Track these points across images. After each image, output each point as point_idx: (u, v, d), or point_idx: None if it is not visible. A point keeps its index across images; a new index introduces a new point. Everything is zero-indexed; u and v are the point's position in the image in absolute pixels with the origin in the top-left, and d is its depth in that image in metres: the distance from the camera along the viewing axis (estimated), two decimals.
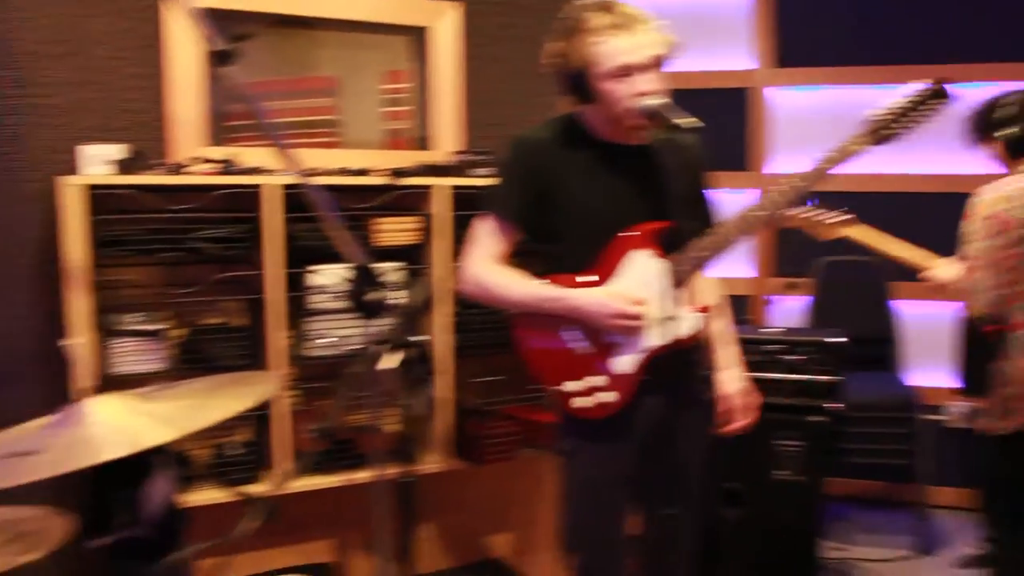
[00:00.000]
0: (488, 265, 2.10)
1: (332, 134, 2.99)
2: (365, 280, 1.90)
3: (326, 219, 1.85)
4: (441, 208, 2.73)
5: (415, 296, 1.98)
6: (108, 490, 1.42)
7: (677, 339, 2.02)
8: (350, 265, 1.88)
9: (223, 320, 2.68)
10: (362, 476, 2.69)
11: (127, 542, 1.44)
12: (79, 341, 2.36)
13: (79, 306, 2.38)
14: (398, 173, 2.70)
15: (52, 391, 2.69)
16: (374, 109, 3.07)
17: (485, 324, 2.82)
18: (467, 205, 2.74)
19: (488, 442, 2.76)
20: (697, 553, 2.23)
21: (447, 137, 3.08)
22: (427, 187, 2.72)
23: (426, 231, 2.75)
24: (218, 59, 1.80)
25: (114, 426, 1.35)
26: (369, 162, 2.82)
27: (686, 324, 2.03)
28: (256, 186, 2.50)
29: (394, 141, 3.08)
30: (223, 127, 2.81)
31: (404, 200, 2.73)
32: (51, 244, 2.64)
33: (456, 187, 2.76)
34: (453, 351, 2.78)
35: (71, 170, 2.52)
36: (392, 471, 1.95)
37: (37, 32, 2.61)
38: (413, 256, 2.75)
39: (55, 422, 1.41)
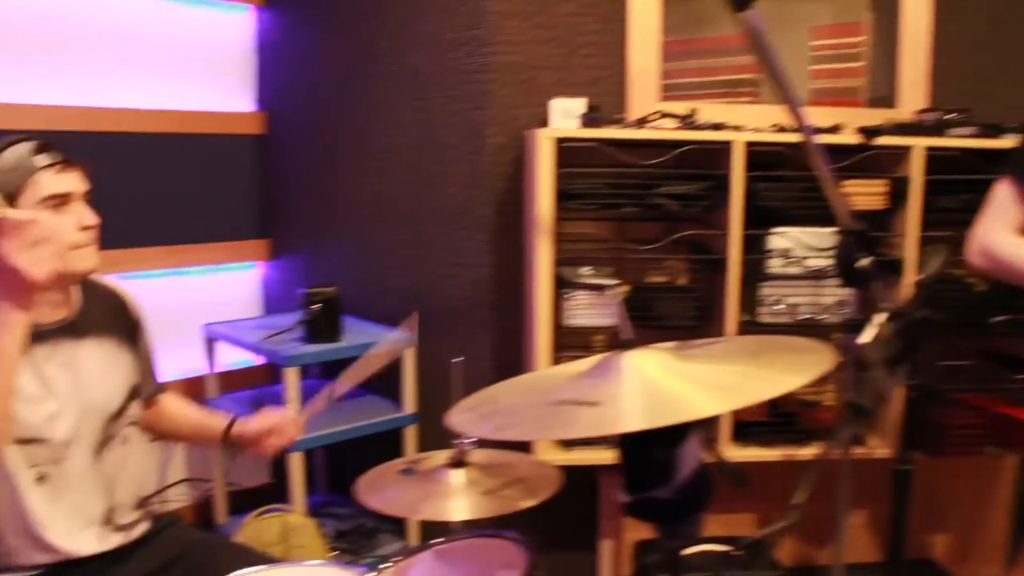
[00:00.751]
0: (1006, 235, 1.85)
1: (752, 93, 2.82)
2: (856, 245, 1.74)
3: (822, 179, 1.70)
4: (914, 171, 2.46)
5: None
6: (638, 447, 1.38)
7: None
8: (837, 229, 1.72)
9: (667, 279, 2.63)
10: (803, 453, 2.55)
11: (649, 501, 1.40)
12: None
13: (543, 256, 2.43)
14: (869, 132, 2.47)
15: (503, 339, 2.82)
16: (802, 65, 2.85)
17: (949, 302, 2.53)
18: (939, 169, 2.46)
19: (951, 433, 2.48)
20: None
21: (911, 94, 2.78)
22: (903, 148, 2.46)
23: (892, 195, 2.50)
24: (735, 4, 1.70)
25: (657, 386, 1.30)
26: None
27: None
28: (724, 143, 2.40)
29: (819, 99, 2.84)
30: (674, 83, 2.75)
31: (866, 162, 2.50)
32: (511, 196, 2.74)
33: (930, 149, 2.48)
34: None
35: (533, 125, 2.58)
36: (849, 452, 1.79)
37: None
38: (875, 223, 2.52)
39: (591, 372, 1.39)
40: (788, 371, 1.25)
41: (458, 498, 1.76)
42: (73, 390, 1.73)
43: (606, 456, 2.46)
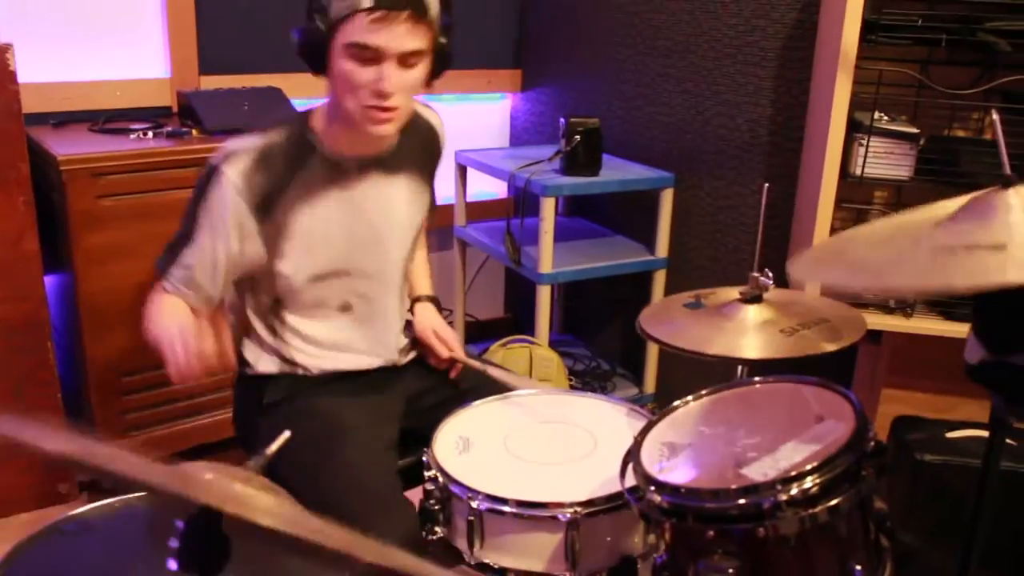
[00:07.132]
0: None
1: None
2: None
3: None
4: None
5: None
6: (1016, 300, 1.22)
7: None
8: None
9: (974, 132, 2.34)
10: None
11: (1007, 365, 1.25)
12: None
13: (840, 96, 2.20)
14: None
15: (773, 185, 2.62)
16: None
17: None
18: None
19: None
20: None
21: None
22: None
23: None
24: None
25: None
26: None
27: None
28: None
29: None
30: None
31: None
32: (801, 28, 2.51)
33: None
34: None
35: None
36: None
37: None
38: None
39: (961, 215, 1.22)
40: None
41: (752, 335, 1.65)
42: (380, 224, 1.72)
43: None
